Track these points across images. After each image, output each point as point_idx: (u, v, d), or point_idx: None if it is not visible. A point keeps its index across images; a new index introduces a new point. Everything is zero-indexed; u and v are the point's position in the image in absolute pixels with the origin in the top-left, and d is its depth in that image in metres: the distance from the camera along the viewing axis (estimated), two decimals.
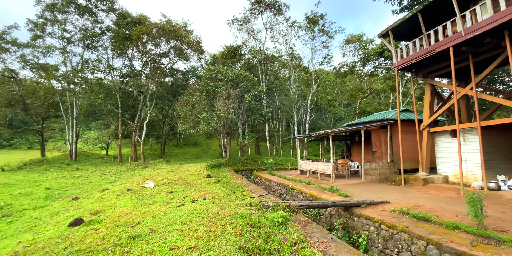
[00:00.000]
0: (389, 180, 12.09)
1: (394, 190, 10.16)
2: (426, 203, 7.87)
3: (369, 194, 9.45)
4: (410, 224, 6.02)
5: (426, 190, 9.98)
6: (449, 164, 11.17)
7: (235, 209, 6.47)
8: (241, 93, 19.40)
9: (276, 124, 31.19)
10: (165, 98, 29.61)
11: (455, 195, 8.86)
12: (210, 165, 19.23)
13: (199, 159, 28.54)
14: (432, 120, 11.67)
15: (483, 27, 8.57)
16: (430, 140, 11.97)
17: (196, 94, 20.02)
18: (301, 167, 15.21)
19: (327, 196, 9.33)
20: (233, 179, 13.55)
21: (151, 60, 27.93)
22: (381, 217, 6.65)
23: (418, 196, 8.93)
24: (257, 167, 20.40)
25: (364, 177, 12.29)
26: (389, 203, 7.97)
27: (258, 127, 28.57)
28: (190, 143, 43.70)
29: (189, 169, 14.90)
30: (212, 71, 19.69)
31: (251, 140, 29.73)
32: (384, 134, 13.49)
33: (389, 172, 12.89)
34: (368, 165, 12.47)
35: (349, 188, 10.75)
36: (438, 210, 7.02)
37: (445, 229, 5.64)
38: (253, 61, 29.94)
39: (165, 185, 10.27)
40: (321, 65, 32.71)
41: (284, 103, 29.34)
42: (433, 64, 11.71)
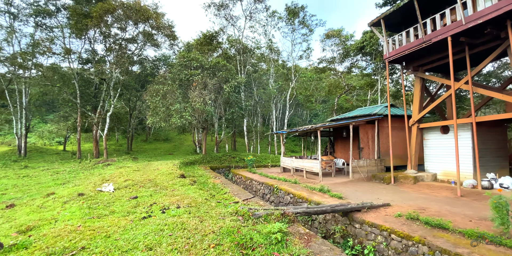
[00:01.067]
0: (377, 178, 11.47)
1: (387, 189, 9.46)
2: (428, 205, 7.15)
3: (363, 195, 8.60)
4: (426, 234, 5.13)
5: (419, 189, 9.41)
6: (438, 161, 10.78)
7: (218, 221, 5.09)
8: (219, 84, 17.78)
9: (254, 119, 29.95)
10: (132, 87, 26.76)
11: (451, 195, 8.32)
12: (184, 162, 17.45)
13: (170, 155, 26.37)
14: (422, 116, 11.20)
15: (486, 15, 7.99)
16: (419, 137, 11.52)
17: (167, 83, 17.96)
18: (284, 165, 14.16)
19: (318, 198, 8.31)
20: (211, 179, 12.06)
21: (116, 45, 24.95)
22: (389, 224, 5.71)
23: (415, 196, 8.25)
24: (235, 164, 19.03)
25: (352, 175, 11.55)
26: (390, 206, 7.13)
27: (236, 121, 27.11)
28: (160, 138, 40.86)
29: (159, 167, 13.07)
30: (186, 57, 17.73)
31: (227, 136, 28.19)
32: (371, 129, 12.87)
33: (376, 169, 12.31)
34: (356, 163, 11.74)
35: (339, 187, 9.87)
36: (446, 213, 6.28)
37: (468, 239, 4.81)
38: (231, 52, 28.23)
39: (129, 188, 8.51)
40: (300, 59, 31.97)
41: (263, 97, 28.16)
42: (424, 57, 11.19)
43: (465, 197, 8.05)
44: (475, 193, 8.29)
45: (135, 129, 38.92)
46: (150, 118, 17.77)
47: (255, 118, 29.74)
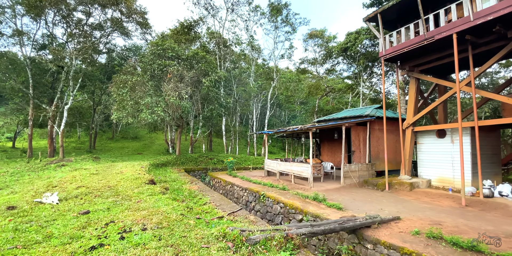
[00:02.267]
0: (370, 184, 10.66)
1: (385, 198, 8.59)
2: (439, 218, 6.29)
3: (363, 205, 7.60)
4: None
5: (418, 197, 8.67)
6: (433, 167, 10.22)
7: (201, 251, 3.64)
8: (197, 77, 16.07)
9: (233, 118, 28.42)
10: (96, 78, 23.82)
11: (455, 205, 7.63)
12: (154, 164, 15.46)
13: (139, 155, 23.90)
14: (417, 118, 10.59)
15: (498, 11, 7.41)
16: (414, 140, 10.92)
17: (137, 73, 15.84)
18: (269, 168, 12.91)
19: (315, 209, 7.15)
20: (186, 184, 10.41)
21: (80, 31, 22.05)
22: (410, 246, 4.67)
23: (419, 207, 7.42)
24: (213, 166, 17.40)
25: (344, 181, 10.61)
26: (400, 219, 6.15)
27: (214, 120, 25.39)
28: (129, 136, 37.64)
29: (124, 170, 11.09)
30: (160, 46, 15.76)
31: (203, 135, 26.36)
32: (363, 132, 12.09)
33: (367, 174, 11.53)
34: (348, 167, 10.83)
35: (333, 195, 8.82)
36: (465, 229, 5.41)
37: None
38: (210, 46, 26.48)
39: (80, 199, 6.66)
40: (282, 58, 31.11)
41: (243, 95, 26.78)
42: (421, 57, 10.61)
43: (471, 207, 7.39)
44: (479, 202, 7.67)
45: (100, 126, 35.41)
46: (115, 112, 15.51)
47: (234, 117, 28.25)
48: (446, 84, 9.88)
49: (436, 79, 10.21)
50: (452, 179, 9.54)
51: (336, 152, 13.57)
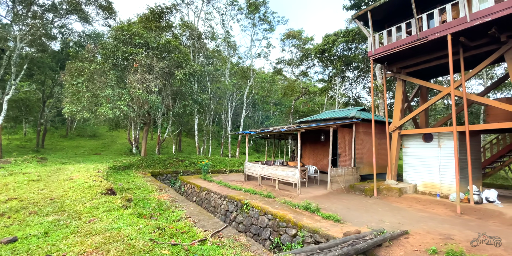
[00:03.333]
0: (357, 189, 10.10)
1: (379, 205, 7.98)
2: (445, 229, 5.73)
3: (360, 215, 6.85)
4: None
5: (410, 204, 8.22)
6: (419, 171, 9.96)
7: None
8: (169, 68, 14.35)
9: (206, 117, 26.74)
10: (46, 66, 20.54)
11: (451, 213, 7.25)
12: (115, 166, 13.41)
13: (97, 156, 21.13)
14: (404, 122, 10.29)
15: (497, 13, 7.20)
16: (400, 144, 10.62)
17: (97, 61, 13.63)
18: (250, 172, 11.77)
19: (309, 222, 6.21)
20: (154, 193, 8.82)
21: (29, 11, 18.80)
22: None
23: (417, 216, 6.88)
24: (184, 169, 15.76)
25: (331, 186, 9.91)
26: (408, 234, 5.45)
27: (185, 118, 23.52)
28: (86, 133, 33.76)
29: (75, 175, 9.11)
30: (126, 31, 13.74)
31: (173, 135, 24.35)
32: (348, 134, 11.56)
33: (353, 179, 11.00)
34: (335, 171, 10.16)
35: (324, 203, 7.99)
36: (480, 244, 4.85)
37: None
38: (183, 38, 24.58)
39: (7, 218, 4.90)
40: (258, 57, 30.24)
41: (217, 93, 25.32)
42: (409, 58, 10.35)
43: (466, 215, 7.04)
44: (472, 209, 7.38)
45: (51, 122, 31.17)
46: (67, 105, 13.13)
47: (207, 116, 26.60)
48: (436, 87, 9.69)
49: (424, 82, 9.98)
50: (439, 184, 9.33)
51: (319, 155, 12.93)
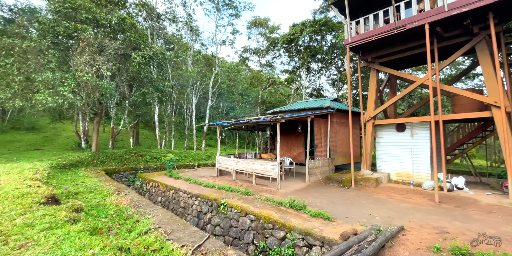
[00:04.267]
0: (334, 180, 9.89)
1: (362, 198, 7.76)
2: (435, 221, 5.62)
3: (348, 210, 6.47)
4: None
5: (390, 195, 8.19)
6: (393, 161, 10.10)
7: None
8: (125, 50, 12.33)
9: (167, 107, 24.56)
10: None
11: (430, 202, 7.32)
12: (59, 165, 11.24)
13: (37, 152, 17.89)
14: (378, 112, 10.27)
15: (474, 3, 7.21)
16: (374, 134, 10.63)
17: (32, 38, 11.00)
18: (223, 166, 10.78)
19: (299, 221, 5.61)
20: (111, 196, 7.35)
21: None
22: None
23: (402, 208, 6.76)
24: (145, 165, 14.07)
25: (309, 178, 9.50)
26: (405, 229, 5.15)
27: (142, 108, 21.23)
28: (22, 126, 28.77)
29: (3, 179, 7.09)
30: (69, 3, 11.24)
31: (130, 127, 21.90)
32: (324, 125, 11.25)
33: (329, 170, 10.79)
34: (313, 163, 9.77)
35: (307, 198, 7.49)
36: (474, 237, 4.74)
37: None
38: (139, 19, 21.84)
39: None
40: (223, 44, 28.64)
41: (180, 81, 23.31)
42: (384, 48, 10.25)
43: (445, 203, 7.16)
44: (447, 197, 7.57)
45: None
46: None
47: (169, 106, 24.47)
48: (410, 77, 9.75)
49: (398, 72, 9.99)
50: (412, 173, 9.54)
51: (293, 147, 12.49)
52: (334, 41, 23.28)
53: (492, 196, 7.39)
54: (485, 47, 7.95)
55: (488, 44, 7.99)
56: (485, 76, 7.81)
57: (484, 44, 7.96)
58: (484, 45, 7.96)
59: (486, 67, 7.82)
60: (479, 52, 8.09)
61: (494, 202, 6.75)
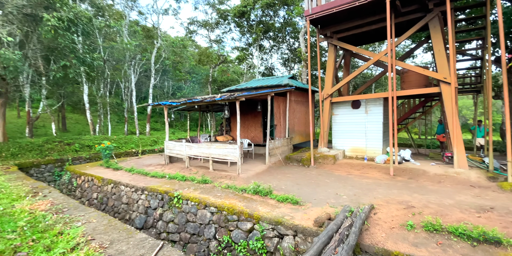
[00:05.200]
0: (293, 160, 9.63)
1: (324, 176, 7.59)
2: (398, 195, 5.67)
3: (314, 191, 6.15)
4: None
5: (349, 171, 8.25)
6: (348, 137, 10.26)
7: None
8: (33, 9, 9.36)
9: (100, 86, 20.96)
10: None
11: (386, 176, 7.56)
12: None
13: None
14: (337, 88, 10.12)
15: None
16: (331, 112, 10.56)
17: None
18: (173, 152, 9.45)
19: (266, 209, 5.04)
20: (23, 201, 5.55)
21: None
22: (431, 254, 3.41)
23: (364, 183, 6.76)
24: (74, 155, 11.72)
25: (269, 159, 9.01)
26: (375, 208, 5.00)
27: (67, 87, 17.63)
28: None
29: None
30: None
31: (52, 110, 18.14)
32: (283, 103, 10.72)
33: (287, 149, 10.49)
34: (273, 144, 9.26)
35: (270, 180, 6.97)
36: (438, 209, 4.85)
37: None
38: None
39: None
40: (165, 14, 25.29)
41: (114, 55, 19.86)
42: (342, 22, 9.87)
43: (399, 176, 7.47)
44: (399, 169, 7.90)
45: None
46: None
47: (102, 84, 20.91)
48: (367, 53, 9.66)
49: (356, 48, 9.82)
50: (365, 148, 9.84)
51: (250, 127, 11.79)
52: (287, 16, 22.47)
53: (436, 166, 7.98)
54: (437, 24, 8.11)
55: (440, 22, 8.17)
56: (436, 53, 8.05)
57: (436, 21, 8.11)
58: (436, 22, 8.12)
59: (437, 43, 8.04)
60: (431, 29, 8.24)
61: (441, 172, 7.24)
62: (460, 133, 7.49)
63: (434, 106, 11.80)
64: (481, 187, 6.12)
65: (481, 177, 6.69)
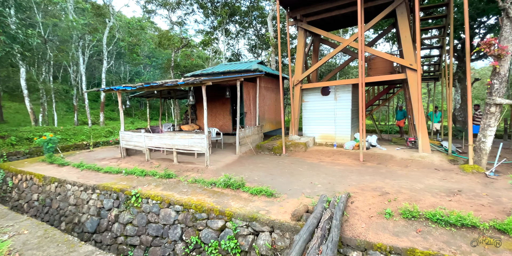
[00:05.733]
0: (265, 149, 9.27)
1: (297, 164, 7.34)
2: (371, 182, 5.62)
3: (288, 181, 5.84)
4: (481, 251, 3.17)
5: (320, 158, 8.14)
6: (318, 124, 10.16)
7: None
8: None
9: (42, 70, 18.07)
10: None
11: (356, 161, 7.57)
12: None
13: None
14: (307, 74, 9.83)
15: None
16: (301, 98, 10.30)
17: None
18: (130, 144, 8.38)
19: (239, 204, 4.60)
20: None
21: None
22: (412, 242, 3.30)
23: (336, 171, 6.64)
24: (10, 150, 9.92)
25: (240, 149, 8.52)
26: (351, 196, 4.84)
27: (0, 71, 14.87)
28: None
29: None
30: None
31: None
32: (252, 90, 10.16)
33: (258, 138, 10.08)
34: (244, 132, 8.75)
35: (242, 171, 6.51)
36: (411, 194, 4.86)
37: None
38: None
39: None
40: None
41: (59, 34, 17.14)
42: (313, 4, 9.43)
43: (368, 161, 7.53)
44: (368, 155, 7.98)
45: None
46: None
47: (44, 68, 18.06)
48: (337, 38, 9.41)
49: (326, 33, 9.52)
50: (334, 135, 9.83)
51: (218, 115, 11.09)
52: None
53: (402, 151, 8.22)
54: (404, 11, 8.09)
55: (407, 8, 8.16)
56: (403, 40, 8.07)
57: (403, 7, 8.08)
58: (403, 8, 8.08)
59: (404, 30, 8.05)
60: (399, 15, 8.21)
61: (407, 156, 7.45)
62: (424, 119, 7.74)
63: (396, 93, 12.25)
64: (445, 170, 6.37)
65: (443, 160, 6.99)
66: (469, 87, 6.33)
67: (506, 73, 5.81)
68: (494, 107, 5.93)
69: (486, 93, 6.06)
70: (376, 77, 8.64)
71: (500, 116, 6.02)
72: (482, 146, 6.20)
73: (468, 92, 6.31)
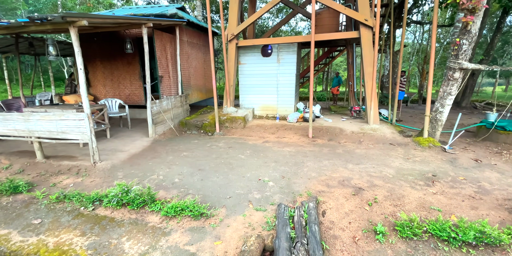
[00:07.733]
0: (192, 126, 7.06)
1: (236, 149, 5.50)
2: (332, 171, 4.31)
3: (227, 180, 4.02)
4: None
5: (263, 136, 6.55)
6: (257, 92, 8.35)
7: None
8: None
9: None
10: None
11: (305, 139, 6.28)
12: None
13: None
14: (244, 27, 7.53)
15: None
16: (237, 59, 8.10)
17: None
18: None
19: (138, 247, 2.56)
20: None
21: None
22: None
23: (287, 155, 5.13)
24: None
25: (154, 129, 6.10)
26: (319, 202, 3.36)
27: None
28: None
29: None
30: None
31: None
32: (170, 44, 7.33)
33: (182, 112, 7.69)
34: (159, 105, 6.23)
35: (155, 168, 4.31)
36: (388, 188, 3.74)
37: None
38: None
39: None
40: None
41: None
42: None
43: (318, 138, 6.34)
44: (316, 129, 6.74)
45: None
46: None
47: None
48: None
49: None
50: (276, 105, 8.28)
51: (123, 80, 7.99)
52: None
53: (348, 122, 7.30)
54: None
55: None
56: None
57: None
58: None
59: None
60: None
61: (357, 129, 6.51)
62: (376, 86, 6.79)
63: (337, 56, 11.27)
64: (400, 145, 5.62)
65: (394, 132, 6.29)
66: (401, 52, 5.36)
67: (477, 32, 4.93)
68: (458, 72, 5.14)
69: (451, 56, 5.19)
70: (327, 35, 7.08)
71: (461, 83, 5.33)
72: (439, 117, 5.57)
73: (400, 56, 5.35)
